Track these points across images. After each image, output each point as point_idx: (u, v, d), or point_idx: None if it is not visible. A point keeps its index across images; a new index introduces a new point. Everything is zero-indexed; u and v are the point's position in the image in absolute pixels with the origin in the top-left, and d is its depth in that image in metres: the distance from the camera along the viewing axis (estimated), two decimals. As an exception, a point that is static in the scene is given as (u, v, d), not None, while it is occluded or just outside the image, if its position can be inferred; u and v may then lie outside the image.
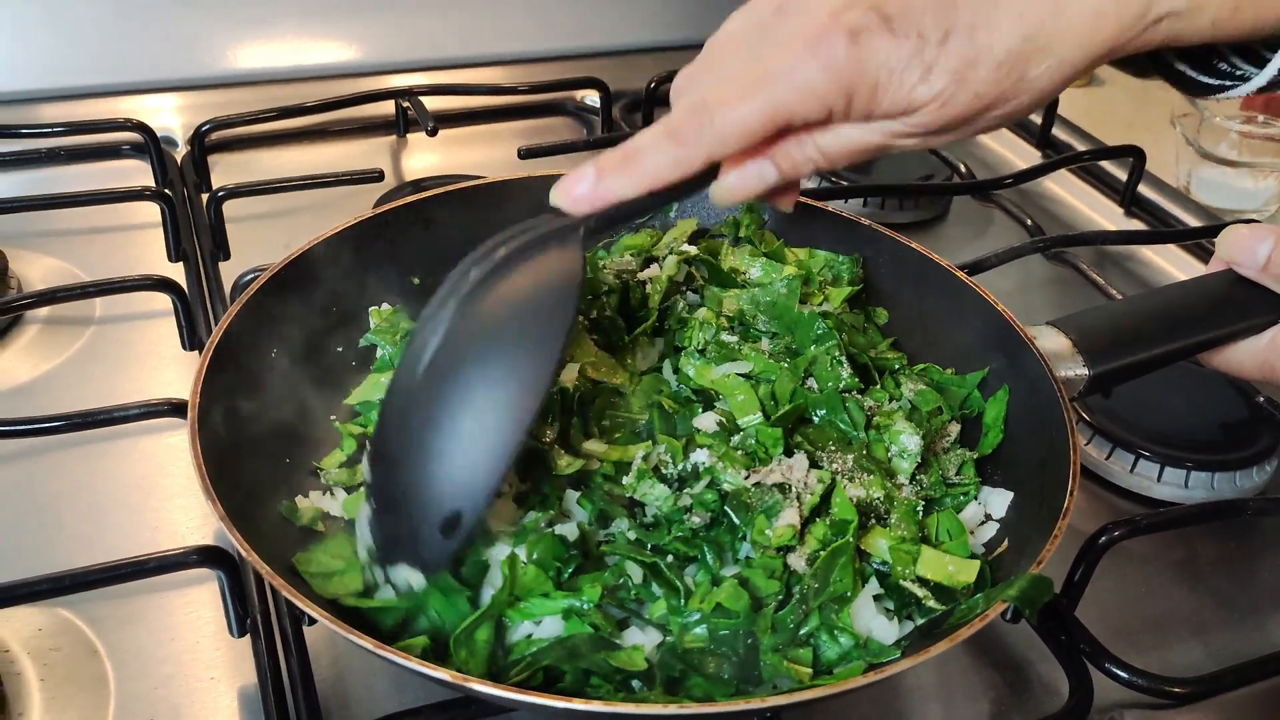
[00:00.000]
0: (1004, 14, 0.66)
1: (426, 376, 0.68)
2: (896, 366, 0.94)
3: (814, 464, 0.81)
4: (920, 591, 0.76)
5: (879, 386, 0.91)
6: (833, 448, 0.83)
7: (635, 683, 0.70)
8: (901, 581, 0.77)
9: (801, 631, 0.74)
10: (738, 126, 0.68)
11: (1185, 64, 0.79)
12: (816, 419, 0.85)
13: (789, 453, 0.81)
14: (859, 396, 0.87)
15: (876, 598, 0.76)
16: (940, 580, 0.77)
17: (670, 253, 0.97)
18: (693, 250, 0.97)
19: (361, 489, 0.77)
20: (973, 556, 0.79)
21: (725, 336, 0.91)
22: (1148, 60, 0.81)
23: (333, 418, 0.92)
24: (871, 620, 0.75)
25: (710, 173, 0.72)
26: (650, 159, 0.69)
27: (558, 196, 0.71)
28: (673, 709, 0.61)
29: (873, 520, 0.80)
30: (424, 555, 0.70)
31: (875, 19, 0.65)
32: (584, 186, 0.70)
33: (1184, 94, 0.82)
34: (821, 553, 0.75)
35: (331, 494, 0.86)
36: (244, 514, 0.72)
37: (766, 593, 0.74)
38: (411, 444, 0.69)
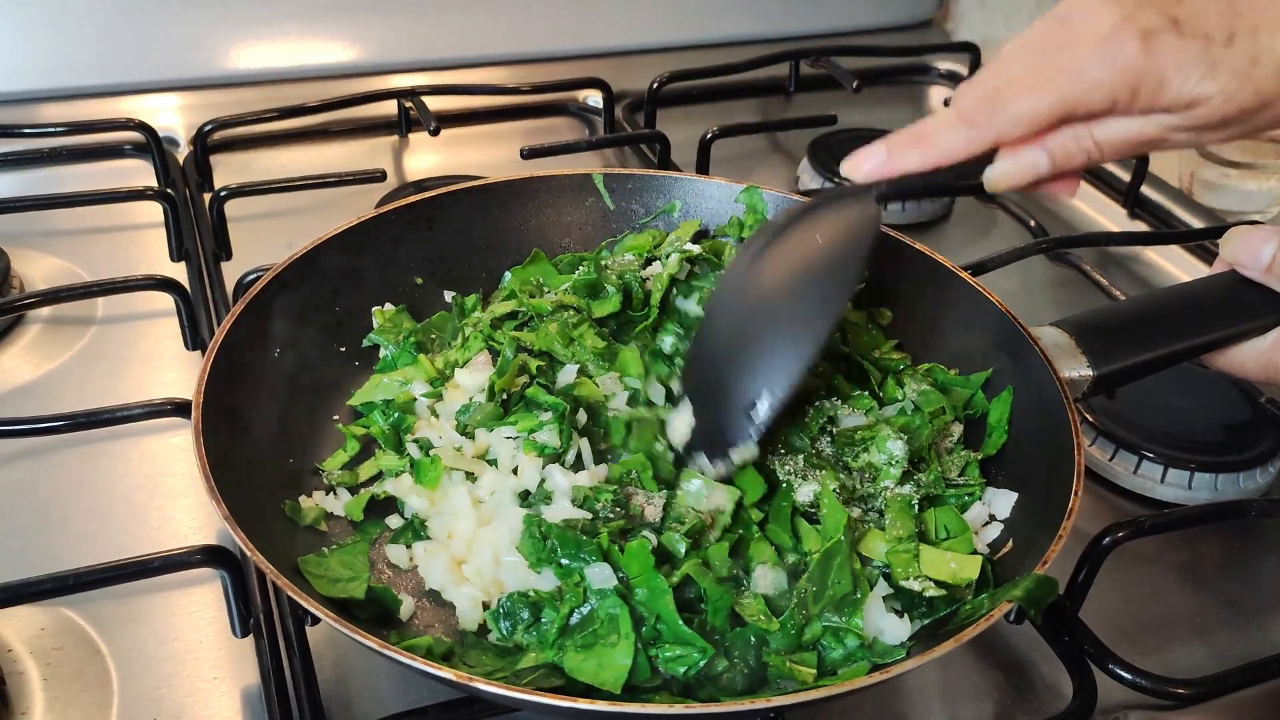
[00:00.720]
0: None
1: (747, 287, 0.82)
2: (900, 367, 0.94)
3: (760, 470, 0.82)
4: (920, 585, 0.77)
5: (867, 392, 0.91)
6: (782, 452, 0.84)
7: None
8: (902, 582, 0.77)
9: (805, 636, 0.74)
10: (1027, 113, 0.74)
11: None
12: None
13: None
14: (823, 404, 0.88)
15: (885, 598, 0.76)
16: (943, 579, 0.77)
17: (672, 251, 0.97)
18: (695, 249, 0.97)
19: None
20: (974, 553, 0.80)
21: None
22: None
23: (335, 418, 0.92)
24: (882, 620, 0.75)
25: (985, 159, 0.78)
26: (943, 138, 0.77)
27: (848, 168, 0.80)
28: (678, 709, 0.61)
29: (869, 524, 0.80)
30: (730, 437, 0.80)
31: (1165, 21, 0.71)
32: (875, 160, 0.78)
33: None
34: (814, 555, 0.76)
35: (335, 494, 0.86)
36: (247, 514, 0.72)
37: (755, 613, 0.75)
38: (733, 344, 0.82)
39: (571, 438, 0.82)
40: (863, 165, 0.79)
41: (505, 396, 0.87)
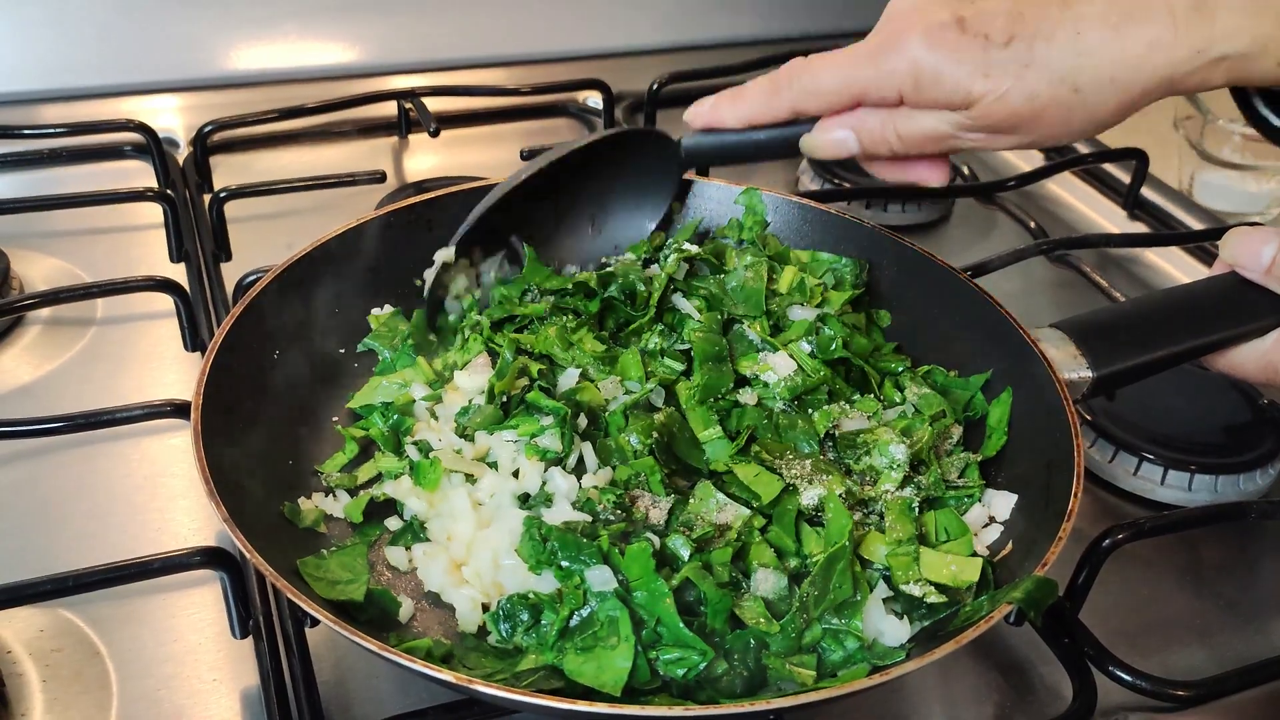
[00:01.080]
0: (1064, 30, 0.76)
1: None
2: (899, 370, 0.94)
3: (771, 470, 0.82)
4: (921, 590, 0.77)
5: (873, 396, 0.91)
6: (790, 455, 0.84)
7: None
8: (902, 586, 0.77)
9: (805, 640, 0.74)
10: (819, 87, 0.83)
11: (1270, 111, 0.87)
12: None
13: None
14: (830, 407, 0.88)
15: (885, 600, 0.76)
16: (944, 581, 0.77)
17: (671, 252, 0.98)
18: (694, 250, 0.97)
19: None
20: (974, 555, 0.79)
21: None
22: (1234, 98, 0.89)
23: (334, 419, 0.92)
24: (881, 622, 0.75)
25: (803, 132, 0.87)
26: (751, 97, 0.87)
27: (686, 115, 0.91)
28: (677, 711, 0.61)
29: (870, 527, 0.80)
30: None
31: (951, 18, 0.77)
32: (703, 109, 0.90)
33: (1266, 138, 0.89)
34: (818, 559, 0.76)
35: (334, 496, 0.86)
36: (246, 516, 0.72)
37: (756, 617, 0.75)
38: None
39: (573, 442, 0.82)
40: (696, 110, 0.90)
41: (505, 399, 0.87)
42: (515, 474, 0.83)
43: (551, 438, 0.82)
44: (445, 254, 0.96)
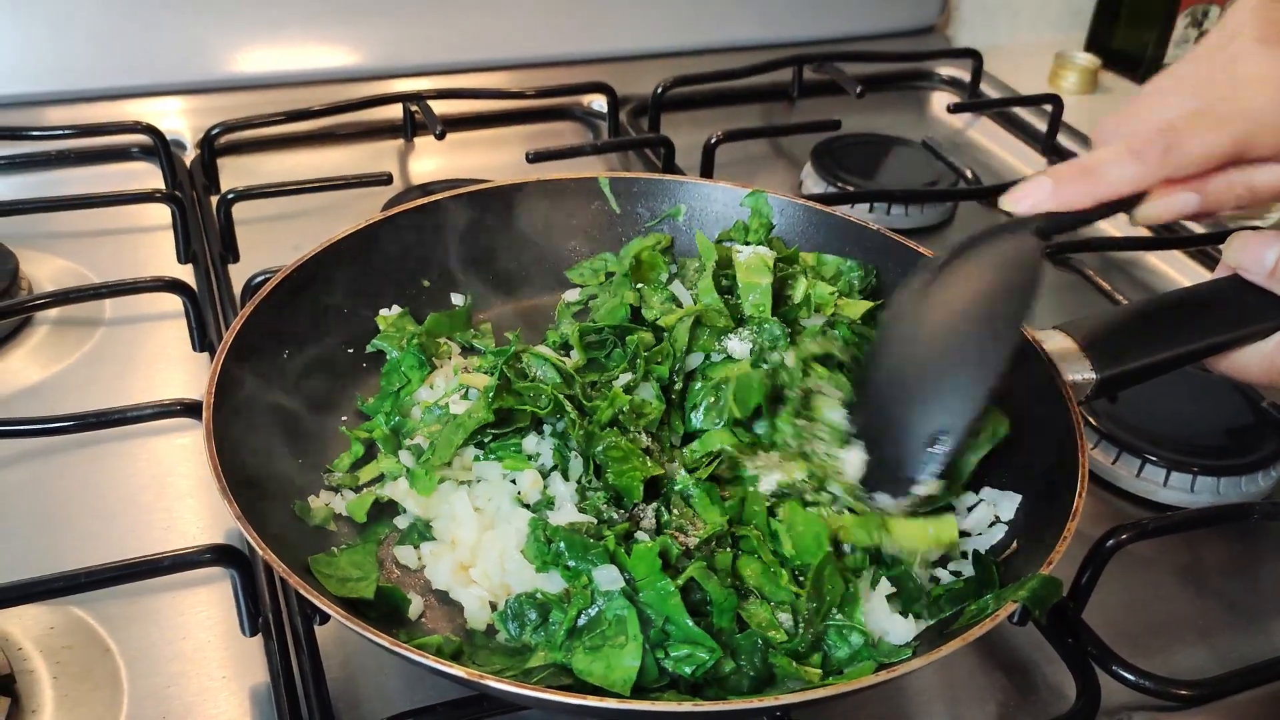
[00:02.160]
0: None
1: (918, 325, 0.83)
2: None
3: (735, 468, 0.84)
4: (920, 566, 0.79)
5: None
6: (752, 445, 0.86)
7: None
8: (909, 570, 0.79)
9: (807, 643, 0.74)
10: (1201, 152, 0.75)
11: None
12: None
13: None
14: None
15: (889, 598, 0.77)
16: (924, 546, 0.79)
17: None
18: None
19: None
20: (970, 557, 0.80)
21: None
22: None
23: (343, 419, 0.93)
24: (886, 621, 0.76)
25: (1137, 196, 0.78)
26: (1112, 173, 0.76)
27: (1008, 202, 0.79)
28: (686, 706, 0.62)
29: (841, 510, 0.82)
30: (911, 473, 0.79)
31: None
32: (1041, 194, 0.77)
33: None
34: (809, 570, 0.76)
35: (342, 495, 0.86)
36: (257, 514, 0.72)
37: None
38: (909, 380, 0.82)
39: (570, 461, 0.83)
40: (1025, 199, 0.78)
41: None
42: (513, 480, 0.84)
43: (545, 454, 0.83)
44: (932, 487, 0.80)
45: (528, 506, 0.82)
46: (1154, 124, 0.76)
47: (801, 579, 0.77)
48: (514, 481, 0.83)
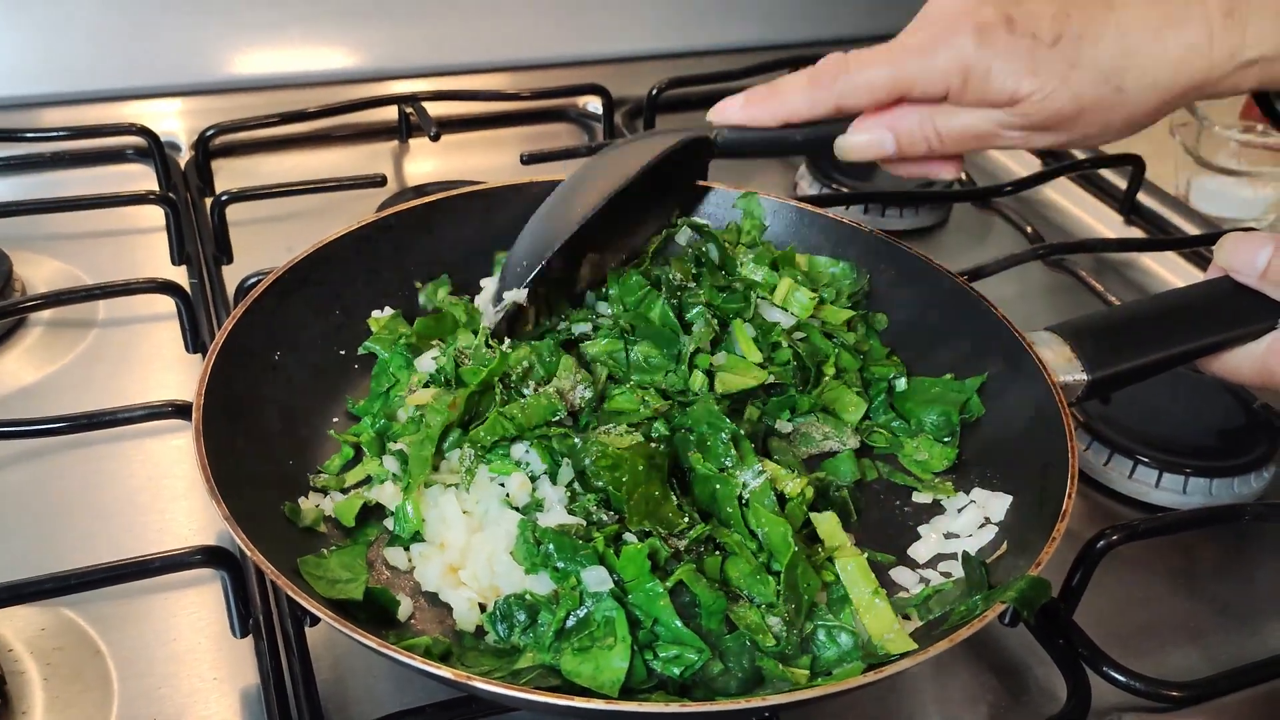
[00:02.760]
0: (1109, 30, 0.79)
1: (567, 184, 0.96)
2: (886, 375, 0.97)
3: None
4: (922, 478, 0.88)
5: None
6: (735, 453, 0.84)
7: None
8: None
9: (794, 646, 0.74)
10: (867, 82, 0.83)
11: None
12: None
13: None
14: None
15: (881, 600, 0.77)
16: (925, 463, 0.89)
17: (685, 223, 1.01)
18: (704, 223, 1.01)
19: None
20: (960, 558, 0.81)
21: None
22: (1256, 102, 0.92)
23: (335, 420, 0.93)
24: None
25: (837, 131, 0.87)
26: (791, 95, 0.86)
27: (712, 113, 0.91)
28: (673, 707, 0.62)
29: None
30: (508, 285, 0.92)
31: (1000, 17, 0.79)
32: (733, 108, 0.89)
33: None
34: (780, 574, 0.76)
35: (331, 497, 0.86)
36: (247, 515, 0.72)
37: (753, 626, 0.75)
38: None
39: (559, 468, 0.82)
40: (723, 109, 0.89)
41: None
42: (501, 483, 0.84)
43: (535, 461, 0.83)
44: (517, 295, 0.91)
45: (517, 509, 0.82)
46: (836, 56, 0.85)
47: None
48: (503, 484, 0.83)
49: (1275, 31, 0.79)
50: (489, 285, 1.00)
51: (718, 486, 0.80)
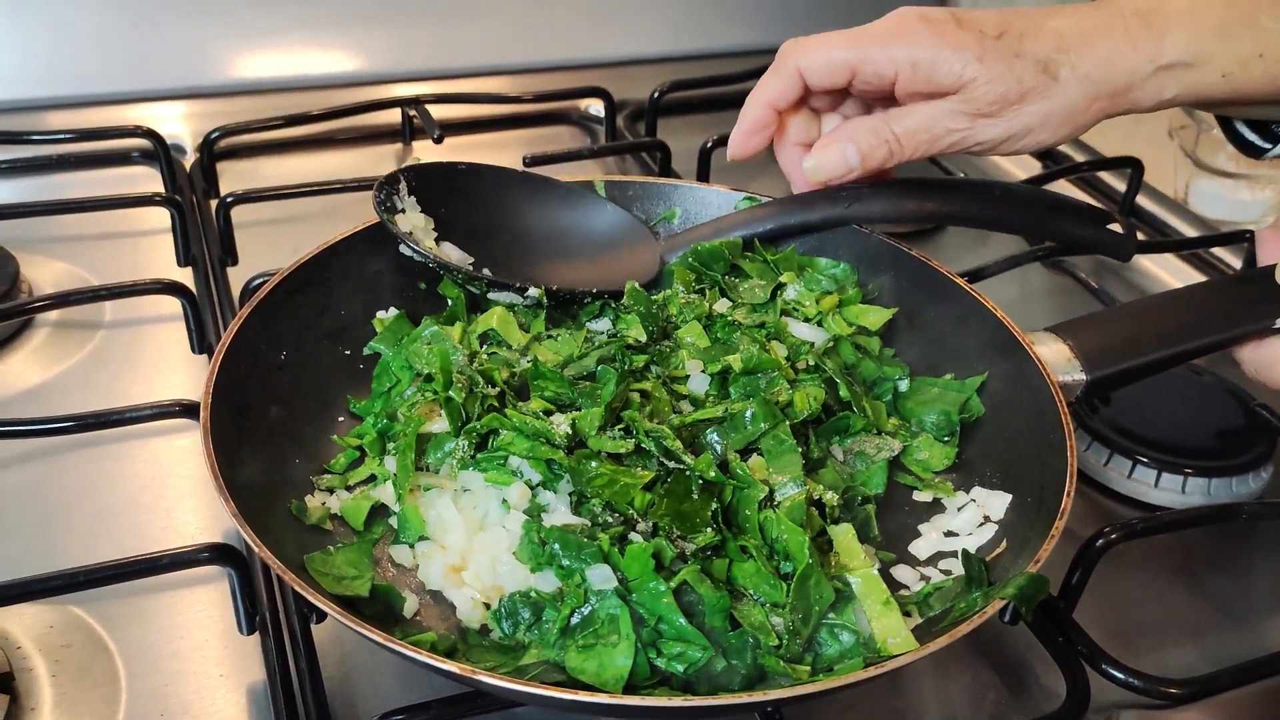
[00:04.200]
0: (1046, 32, 0.89)
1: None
2: (893, 378, 0.96)
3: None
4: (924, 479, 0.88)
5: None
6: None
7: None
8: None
9: (797, 651, 0.75)
10: (824, 58, 0.91)
11: (1246, 128, 1.00)
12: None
13: None
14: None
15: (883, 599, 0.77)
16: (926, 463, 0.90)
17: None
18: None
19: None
20: (960, 555, 0.82)
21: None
22: (1220, 125, 1.02)
23: (340, 419, 0.93)
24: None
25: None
26: (756, 95, 0.95)
27: (731, 150, 1.00)
28: (677, 701, 0.62)
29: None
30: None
31: (947, 15, 0.88)
32: (738, 149, 1.00)
33: (1246, 155, 1.02)
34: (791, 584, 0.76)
35: (338, 495, 0.87)
36: (254, 513, 0.73)
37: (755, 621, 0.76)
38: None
39: (559, 481, 0.82)
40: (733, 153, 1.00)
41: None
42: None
43: (531, 472, 0.83)
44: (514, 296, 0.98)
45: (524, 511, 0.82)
46: (792, 40, 0.93)
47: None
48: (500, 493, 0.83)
49: (1190, 41, 0.87)
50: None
51: (744, 491, 0.81)
